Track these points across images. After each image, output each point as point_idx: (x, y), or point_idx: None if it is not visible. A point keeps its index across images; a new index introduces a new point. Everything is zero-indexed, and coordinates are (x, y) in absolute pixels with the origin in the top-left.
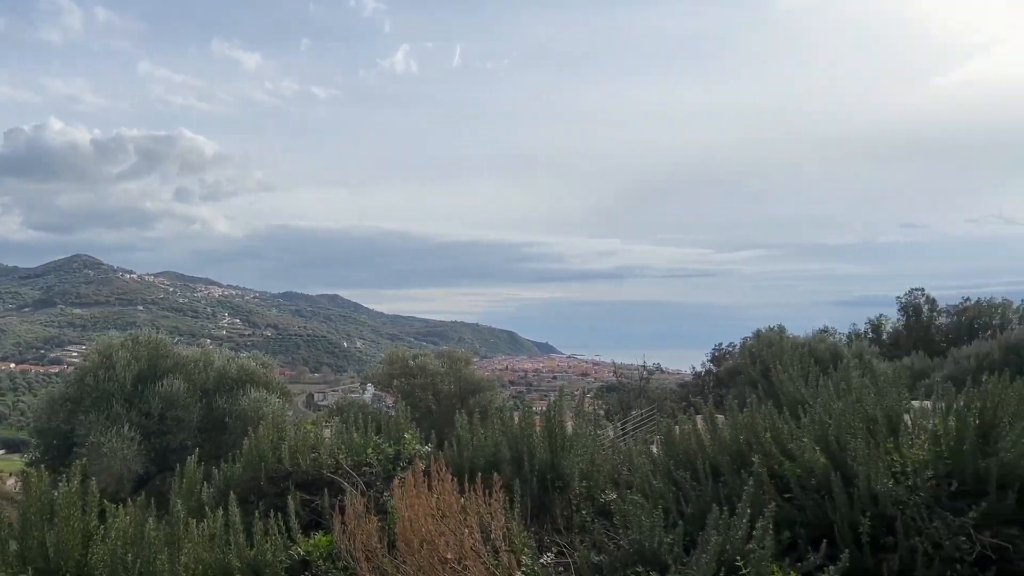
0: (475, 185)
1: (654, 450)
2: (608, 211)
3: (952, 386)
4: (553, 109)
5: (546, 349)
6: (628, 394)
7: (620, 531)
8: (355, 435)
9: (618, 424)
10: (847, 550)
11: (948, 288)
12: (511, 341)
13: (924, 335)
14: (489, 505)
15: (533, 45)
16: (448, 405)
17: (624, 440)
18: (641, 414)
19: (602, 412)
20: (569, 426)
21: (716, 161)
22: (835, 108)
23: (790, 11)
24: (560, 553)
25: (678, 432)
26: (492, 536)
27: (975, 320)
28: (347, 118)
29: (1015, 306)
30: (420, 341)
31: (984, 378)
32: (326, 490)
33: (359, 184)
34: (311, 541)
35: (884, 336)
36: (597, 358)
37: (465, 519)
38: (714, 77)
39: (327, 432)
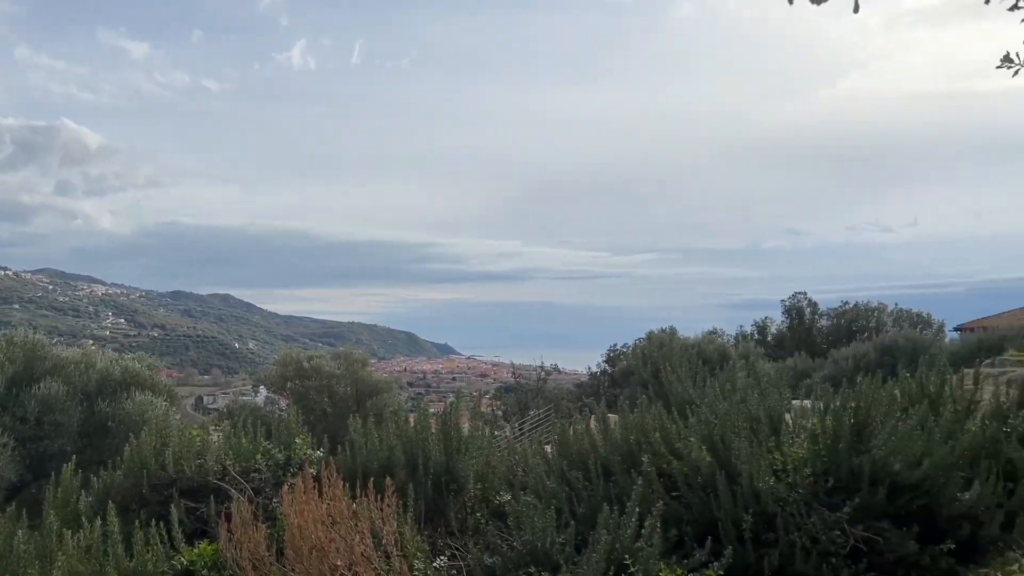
0: (375, 184)
1: (549, 451)
2: (509, 213)
3: (830, 387)
4: (454, 110)
5: (446, 350)
6: (526, 395)
7: (514, 532)
8: (243, 440)
9: (516, 425)
10: (730, 546)
11: (828, 292)
12: (410, 342)
13: (806, 337)
14: (381, 510)
15: (433, 45)
16: (344, 408)
17: (521, 441)
18: (538, 415)
19: (500, 413)
20: (466, 428)
21: (613, 166)
22: (725, 117)
23: (683, 21)
24: (454, 556)
25: (571, 433)
26: (384, 541)
27: (853, 323)
28: (242, 113)
29: (889, 309)
30: (316, 342)
31: (859, 379)
32: (212, 497)
33: (253, 181)
34: (195, 550)
35: (769, 338)
36: (496, 359)
37: (356, 524)
38: (611, 83)
39: (215, 437)
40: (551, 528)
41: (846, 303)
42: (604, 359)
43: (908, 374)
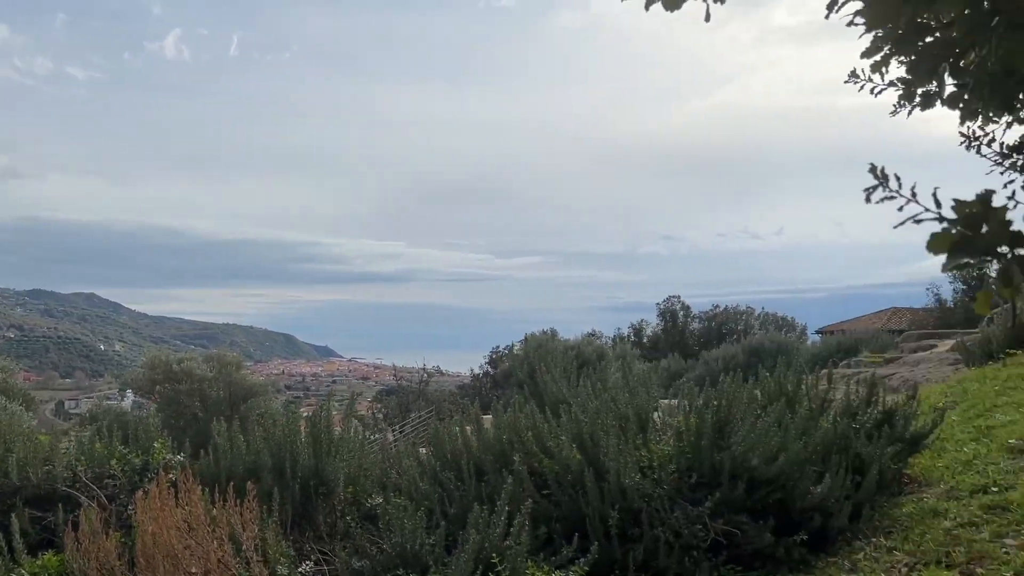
0: (253, 181)
1: (423, 452)
2: (392, 214)
3: (695, 386)
4: (337, 108)
5: (325, 352)
6: (407, 396)
7: (384, 535)
8: (97, 444)
9: (397, 426)
10: (596, 543)
11: (701, 296)
12: (288, 344)
13: (680, 339)
14: (241, 515)
15: (315, 41)
16: (217, 411)
17: (401, 443)
18: (420, 416)
19: (381, 415)
20: (338, 430)
21: (497, 169)
22: (605, 123)
23: (565, 29)
24: (321, 561)
25: (445, 434)
26: (244, 547)
27: (723, 325)
28: (109, 103)
29: (756, 313)
30: (188, 344)
31: (721, 379)
32: (61, 505)
33: (123, 174)
34: (38, 562)
35: (645, 339)
36: (379, 361)
37: (215, 531)
38: (495, 87)
39: (64, 442)
40: (421, 529)
41: (717, 307)
42: (487, 361)
43: (768, 374)
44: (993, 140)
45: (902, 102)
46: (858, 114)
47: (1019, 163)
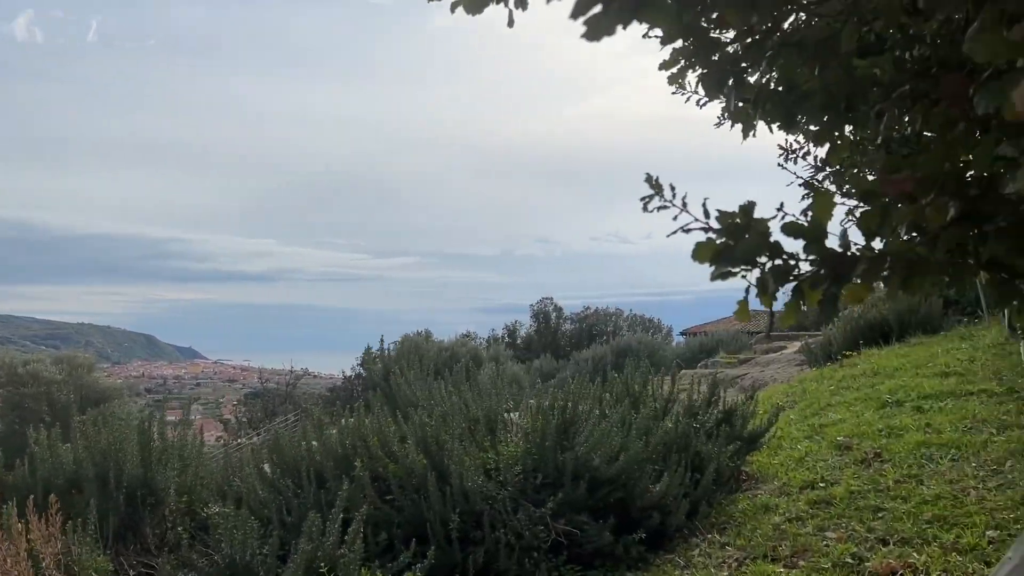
0: (111, 173)
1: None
2: (263, 211)
3: (543, 386)
4: (204, 99)
5: (190, 354)
6: (274, 400)
7: (214, 546)
8: None
9: (261, 431)
10: (433, 547)
11: (574, 297)
12: (150, 345)
13: (552, 339)
14: (47, 528)
15: (181, 29)
16: (66, 417)
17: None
18: (287, 420)
19: (246, 419)
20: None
21: (373, 168)
22: (482, 127)
23: (445, 29)
24: (144, 575)
25: (285, 439)
26: (44, 564)
27: (594, 327)
28: None
29: (625, 315)
30: (38, 345)
31: (568, 378)
32: None
33: None
34: None
35: (519, 340)
36: (247, 363)
37: (11, 547)
38: (370, 84)
39: None
40: (252, 540)
41: (588, 308)
42: (359, 362)
43: (616, 375)
44: (808, 153)
45: (724, 114)
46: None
47: (830, 176)
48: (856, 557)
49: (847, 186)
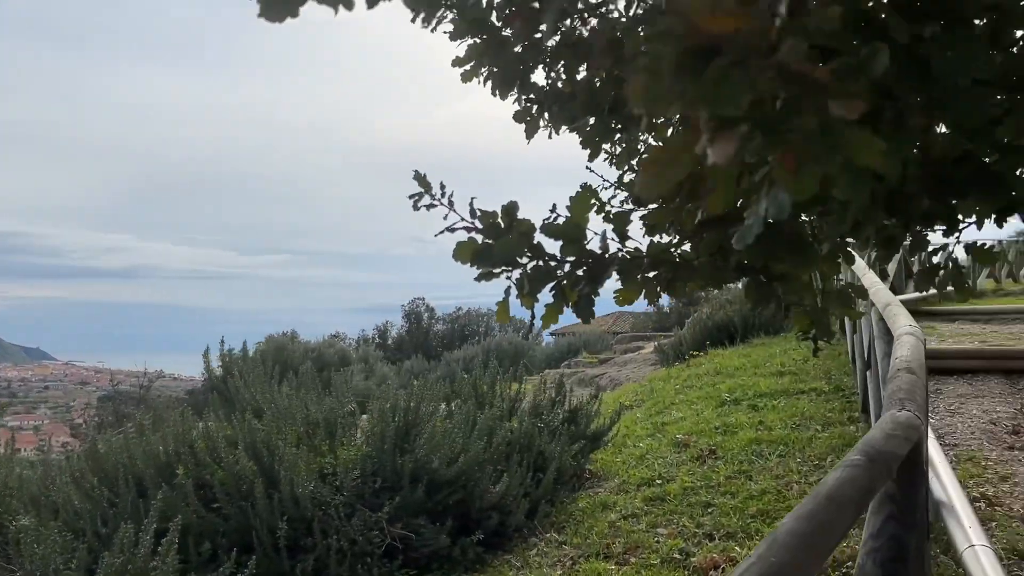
0: None
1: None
2: (118, 204)
3: (385, 388)
4: (48, 84)
5: (37, 355)
6: (126, 403)
7: (16, 561)
8: None
9: (111, 436)
10: (254, 556)
11: (447, 298)
12: None
13: (423, 340)
14: None
15: (23, 12)
16: None
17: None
18: (141, 423)
19: (95, 423)
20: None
21: (240, 162)
22: (356, 125)
23: (319, 23)
24: None
25: (104, 445)
26: None
27: (465, 327)
28: None
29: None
30: None
31: (413, 381)
32: None
33: None
34: None
35: (390, 341)
36: (100, 364)
37: None
38: (234, 75)
39: None
40: (55, 555)
41: (460, 309)
42: (219, 364)
43: (465, 375)
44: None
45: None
46: None
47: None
48: (683, 552)
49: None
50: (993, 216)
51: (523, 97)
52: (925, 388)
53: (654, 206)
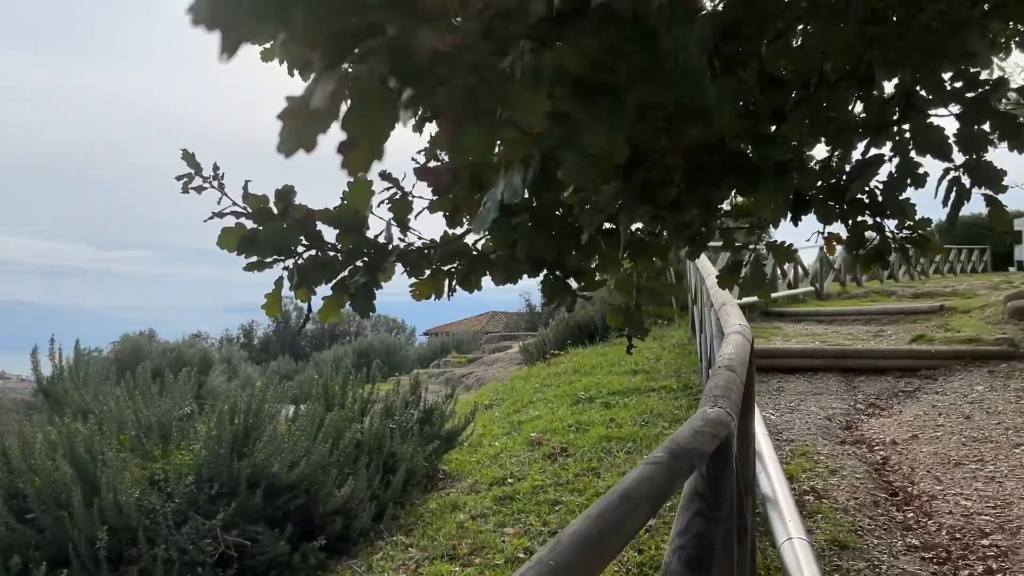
0: None
1: None
2: None
3: (228, 389)
4: None
5: None
6: None
7: None
8: None
9: None
10: (76, 568)
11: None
12: None
13: (292, 340)
14: None
15: None
16: None
17: None
18: None
19: None
20: None
21: (103, 154)
22: (223, 117)
23: (173, 9)
24: None
25: None
26: None
27: (336, 327)
28: None
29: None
30: None
31: (256, 382)
32: None
33: None
34: None
35: (255, 341)
36: None
37: None
38: (110, 66)
39: None
40: None
41: None
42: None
43: (316, 376)
44: None
45: None
46: None
47: None
48: (528, 552)
49: None
50: (789, 215)
51: None
52: (743, 385)
53: (435, 197)
